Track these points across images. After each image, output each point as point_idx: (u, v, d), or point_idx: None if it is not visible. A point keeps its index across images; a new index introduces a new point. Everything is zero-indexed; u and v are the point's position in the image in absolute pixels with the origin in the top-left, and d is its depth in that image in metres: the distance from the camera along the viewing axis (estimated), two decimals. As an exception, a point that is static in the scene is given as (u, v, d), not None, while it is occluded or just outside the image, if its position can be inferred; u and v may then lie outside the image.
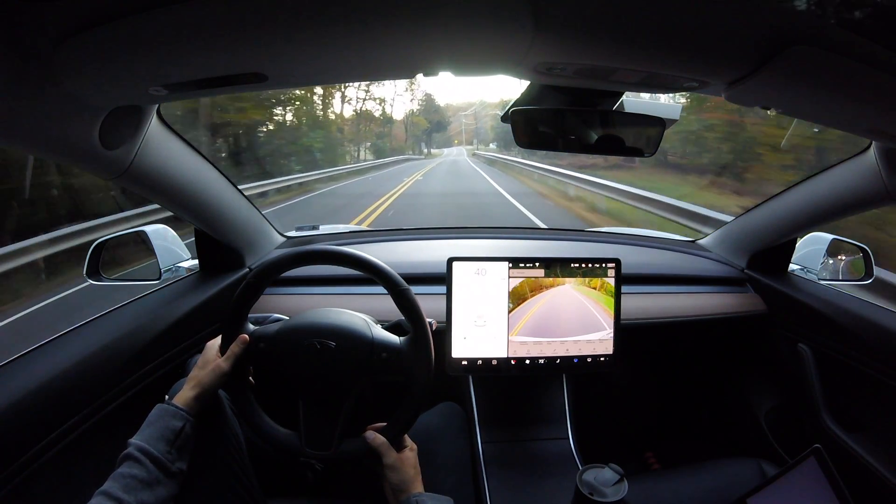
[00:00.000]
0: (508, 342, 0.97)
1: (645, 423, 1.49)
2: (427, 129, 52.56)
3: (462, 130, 73.14)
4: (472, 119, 72.44)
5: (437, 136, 66.32)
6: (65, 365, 0.71)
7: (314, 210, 8.47)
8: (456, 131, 74.11)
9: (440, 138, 69.16)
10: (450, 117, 61.57)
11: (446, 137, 72.17)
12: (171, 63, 0.51)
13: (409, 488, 0.69)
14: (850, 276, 1.21)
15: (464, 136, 73.54)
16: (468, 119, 72.41)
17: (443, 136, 70.20)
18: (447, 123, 61.08)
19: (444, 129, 61.62)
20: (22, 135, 0.56)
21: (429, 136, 53.59)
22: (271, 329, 0.74)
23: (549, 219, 6.39)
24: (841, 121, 0.69)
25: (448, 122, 61.66)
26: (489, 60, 0.55)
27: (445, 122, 59.80)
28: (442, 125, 58.98)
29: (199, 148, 0.87)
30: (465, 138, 72.67)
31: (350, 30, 0.46)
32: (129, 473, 0.58)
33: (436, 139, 65.92)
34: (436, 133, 60.11)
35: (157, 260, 1.03)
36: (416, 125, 48.20)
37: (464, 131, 72.87)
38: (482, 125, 69.88)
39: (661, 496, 0.90)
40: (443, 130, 61.70)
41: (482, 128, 70.09)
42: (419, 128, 49.54)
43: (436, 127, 56.55)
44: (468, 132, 73.39)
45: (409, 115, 45.21)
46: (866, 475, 0.89)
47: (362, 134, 30.11)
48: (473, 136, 71.63)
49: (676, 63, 0.53)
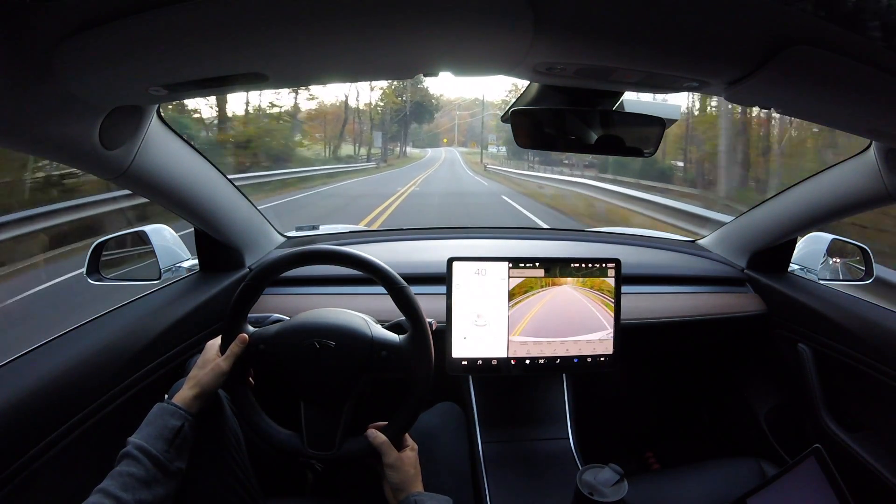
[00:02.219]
0: (508, 342, 0.97)
1: (645, 423, 1.49)
2: (400, 112, 32.62)
3: (455, 127, 58.77)
4: (468, 116, 58.43)
5: (418, 129, 48.18)
6: (65, 365, 0.71)
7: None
8: (446, 128, 59.89)
9: (422, 134, 52.07)
10: (438, 108, 44.78)
11: (432, 135, 55.44)
12: (171, 63, 0.51)
13: (409, 488, 0.69)
14: (850, 276, 1.21)
15: (456, 134, 58.72)
16: (463, 115, 59.04)
17: (426, 130, 52.49)
18: (433, 109, 41.95)
19: (428, 119, 43.40)
20: (22, 135, 0.56)
21: (403, 126, 34.21)
22: (270, 330, 0.74)
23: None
24: (841, 121, 0.69)
25: (435, 107, 42.71)
26: (489, 60, 0.55)
27: (430, 108, 40.47)
28: (425, 111, 39.57)
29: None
30: (458, 138, 57.78)
31: (350, 30, 0.46)
32: (128, 472, 0.58)
33: (415, 134, 48.01)
34: (416, 123, 41.97)
35: (157, 260, 1.04)
36: (384, 109, 30.10)
37: (457, 128, 57.77)
38: (477, 121, 52.36)
39: (661, 496, 0.90)
40: (426, 120, 43.63)
41: (475, 125, 54.04)
42: (390, 108, 31.33)
43: (414, 113, 36.98)
44: (462, 129, 58.19)
45: (372, 107, 28.79)
46: (866, 475, 0.88)
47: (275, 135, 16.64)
48: (467, 133, 56.26)
49: (676, 63, 0.53)
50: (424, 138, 54.01)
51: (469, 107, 62.02)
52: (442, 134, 59.30)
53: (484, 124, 43.44)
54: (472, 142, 49.25)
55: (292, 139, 19.34)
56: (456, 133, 59.50)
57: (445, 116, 61.09)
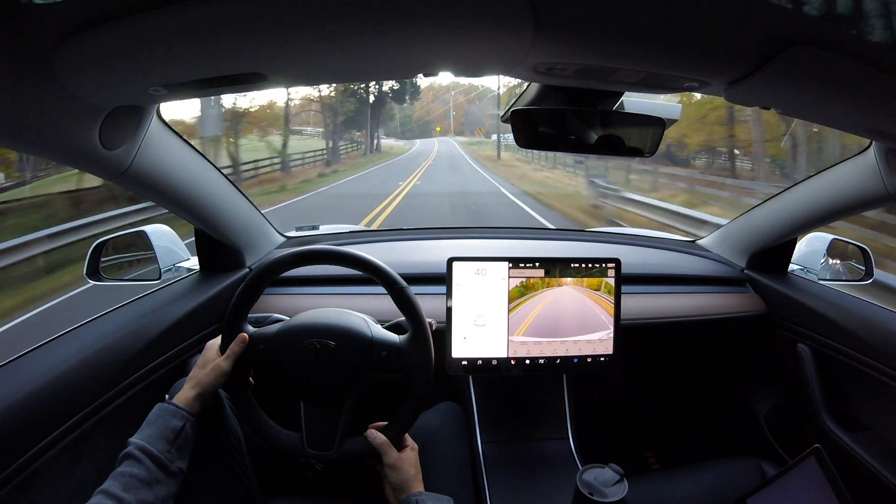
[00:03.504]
0: (508, 342, 0.97)
1: (645, 423, 1.49)
2: (354, 94, 21.47)
3: (450, 112, 46.61)
4: (464, 100, 47.07)
5: (407, 117, 36.59)
6: (65, 365, 0.71)
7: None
8: (439, 113, 47.27)
9: (411, 123, 39.63)
10: (417, 93, 28.45)
11: (423, 123, 41.87)
12: (171, 63, 0.51)
13: (410, 488, 0.69)
14: (850, 276, 1.21)
15: (451, 122, 46.63)
16: (458, 99, 47.29)
17: (416, 118, 40.83)
18: (412, 92, 28.05)
19: (413, 95, 29.89)
20: (22, 135, 0.56)
21: (371, 110, 22.79)
22: (270, 330, 0.74)
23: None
24: (841, 121, 0.69)
25: (416, 89, 27.96)
26: (489, 60, 0.55)
27: (409, 89, 26.63)
28: (404, 91, 26.44)
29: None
30: (454, 126, 46.09)
31: (350, 30, 0.46)
32: (129, 472, 0.58)
33: (405, 123, 35.92)
34: (397, 102, 29.79)
35: (157, 260, 1.04)
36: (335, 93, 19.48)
37: (451, 115, 45.39)
38: (476, 108, 41.36)
39: (661, 496, 0.90)
40: (413, 96, 30.09)
41: (472, 111, 41.97)
42: (339, 93, 19.86)
43: (396, 92, 25.93)
44: (458, 116, 46.49)
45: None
46: (866, 475, 0.88)
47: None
48: (465, 121, 44.94)
49: (676, 63, 0.53)
50: (414, 128, 42.11)
51: (467, 92, 48.81)
52: (434, 122, 46.88)
53: (500, 101, 28.36)
54: (479, 128, 38.83)
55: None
56: (451, 121, 47.38)
57: (437, 101, 50.44)
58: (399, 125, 39.55)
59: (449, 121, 47.97)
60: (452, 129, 44.75)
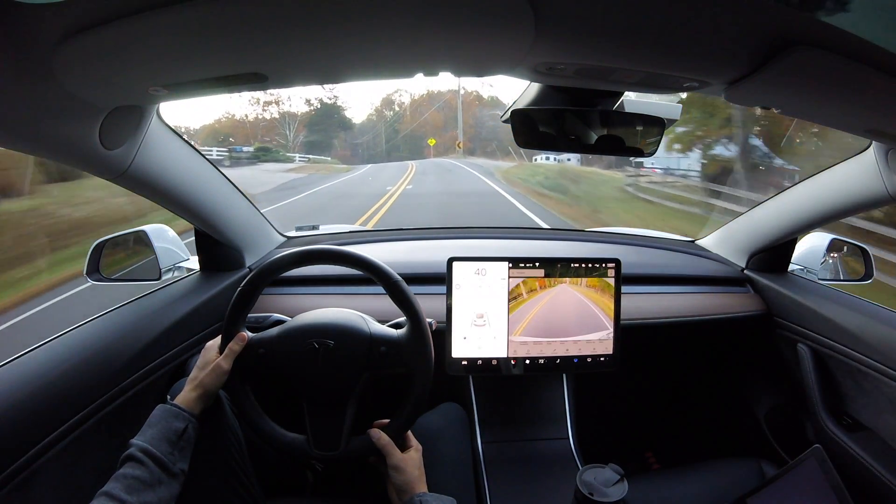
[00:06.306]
0: (508, 342, 0.97)
1: (645, 423, 1.49)
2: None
3: (457, 115, 32.59)
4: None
5: (394, 137, 25.77)
6: (65, 364, 0.71)
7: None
8: (436, 126, 36.44)
9: (396, 140, 28.83)
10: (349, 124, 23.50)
11: (412, 139, 31.04)
12: (171, 63, 0.51)
13: (414, 488, 0.69)
14: (850, 276, 1.21)
15: (460, 131, 32.52)
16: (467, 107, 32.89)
17: (404, 131, 30.38)
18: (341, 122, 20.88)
19: (335, 131, 19.54)
20: (22, 135, 0.56)
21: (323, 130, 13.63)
22: (269, 334, 0.74)
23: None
24: (841, 121, 0.69)
25: (343, 118, 22.99)
26: (489, 60, 0.55)
27: (336, 115, 19.72)
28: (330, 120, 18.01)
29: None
30: (463, 141, 30.25)
31: (350, 30, 0.46)
32: (132, 474, 0.58)
33: (402, 146, 25.62)
34: (319, 136, 19.97)
35: (157, 260, 1.03)
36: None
37: (459, 119, 32.31)
38: (489, 117, 28.14)
39: (661, 496, 0.90)
40: (332, 133, 19.32)
41: (482, 119, 29.01)
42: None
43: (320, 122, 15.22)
44: (468, 129, 32.61)
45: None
46: (866, 475, 0.88)
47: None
48: (476, 135, 30.94)
49: (676, 63, 0.53)
50: (403, 147, 29.22)
51: (469, 105, 37.06)
52: (427, 134, 32.83)
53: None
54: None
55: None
56: (459, 130, 32.90)
57: (433, 108, 39.28)
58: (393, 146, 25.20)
59: (444, 133, 33.75)
60: (460, 147, 27.81)
